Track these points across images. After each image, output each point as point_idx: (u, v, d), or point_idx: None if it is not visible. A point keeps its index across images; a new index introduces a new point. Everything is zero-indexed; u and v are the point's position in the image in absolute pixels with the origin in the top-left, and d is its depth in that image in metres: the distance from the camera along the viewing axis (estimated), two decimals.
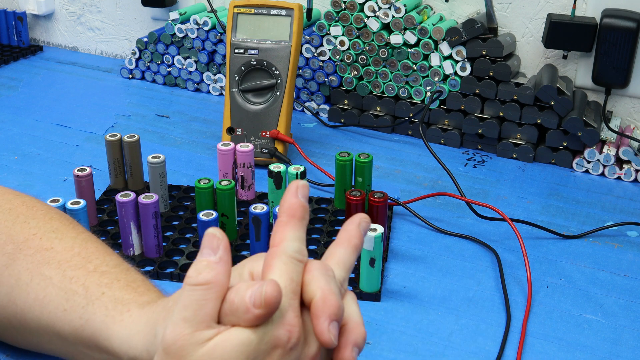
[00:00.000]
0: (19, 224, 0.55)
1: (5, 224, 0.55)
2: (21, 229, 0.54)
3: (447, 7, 1.04)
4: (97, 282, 0.50)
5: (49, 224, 0.55)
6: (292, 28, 0.90)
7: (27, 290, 0.51)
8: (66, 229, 0.55)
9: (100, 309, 0.48)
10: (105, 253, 0.54)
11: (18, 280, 0.51)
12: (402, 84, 1.01)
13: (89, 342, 0.48)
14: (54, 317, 0.50)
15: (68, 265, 0.51)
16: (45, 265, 0.51)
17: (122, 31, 1.33)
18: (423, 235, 0.78)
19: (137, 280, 0.51)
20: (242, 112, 0.91)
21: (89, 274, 0.51)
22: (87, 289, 0.49)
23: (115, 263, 0.52)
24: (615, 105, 0.99)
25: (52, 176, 0.89)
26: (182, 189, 0.83)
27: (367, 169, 0.78)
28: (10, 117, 1.06)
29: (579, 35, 0.93)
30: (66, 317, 0.49)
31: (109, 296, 0.49)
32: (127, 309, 0.47)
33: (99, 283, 0.50)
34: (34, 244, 0.53)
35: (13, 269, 0.52)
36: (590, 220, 0.82)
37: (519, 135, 0.96)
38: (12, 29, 1.34)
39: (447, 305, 0.66)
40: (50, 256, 0.52)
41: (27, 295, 0.51)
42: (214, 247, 0.41)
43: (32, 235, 0.53)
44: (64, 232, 0.54)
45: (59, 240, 0.53)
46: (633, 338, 0.63)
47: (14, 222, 0.55)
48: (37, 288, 0.51)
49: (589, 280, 0.71)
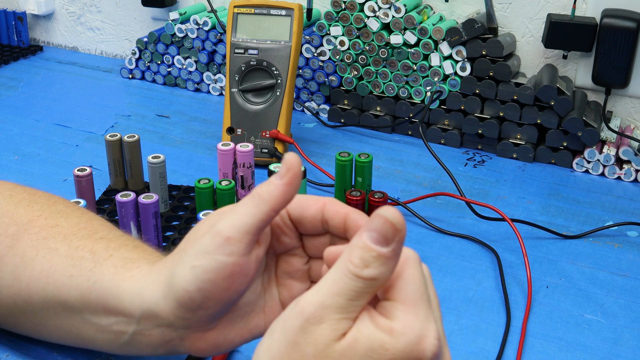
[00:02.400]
0: (22, 207, 0.54)
1: (8, 207, 0.54)
2: (25, 211, 0.54)
3: (447, 7, 1.04)
4: (104, 247, 0.50)
5: (54, 206, 0.55)
6: (292, 28, 0.90)
7: (33, 265, 0.50)
8: (71, 210, 0.55)
9: (108, 269, 0.48)
10: (111, 228, 0.54)
11: (23, 257, 0.51)
12: (402, 84, 1.01)
13: (97, 305, 0.48)
14: (60, 285, 0.49)
15: (74, 237, 0.51)
16: (51, 239, 0.51)
17: (122, 31, 1.33)
18: (423, 235, 0.78)
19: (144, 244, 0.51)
20: (242, 112, 0.91)
21: (96, 242, 0.50)
22: (95, 253, 0.49)
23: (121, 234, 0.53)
24: (615, 105, 0.99)
25: (52, 176, 0.89)
26: (182, 189, 0.83)
27: (367, 169, 0.78)
28: (10, 117, 1.06)
29: (579, 35, 0.93)
30: (72, 282, 0.48)
31: (117, 257, 0.48)
32: (136, 265, 0.47)
33: (106, 247, 0.49)
34: (38, 223, 0.52)
35: (17, 248, 0.51)
36: (590, 220, 0.82)
37: (519, 135, 0.96)
38: (12, 29, 1.34)
39: (447, 305, 0.66)
40: (56, 231, 0.52)
41: (33, 269, 0.50)
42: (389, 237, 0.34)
43: (36, 217, 0.53)
44: (69, 212, 0.54)
45: (65, 219, 0.53)
46: (633, 338, 0.63)
47: (16, 205, 0.54)
48: (43, 261, 0.50)
49: (589, 280, 0.71)
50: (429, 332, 0.34)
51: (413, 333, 0.34)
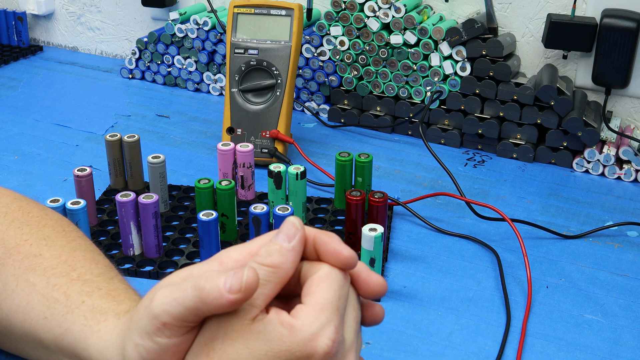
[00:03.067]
0: (13, 229, 0.54)
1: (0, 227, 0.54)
2: (14, 233, 0.54)
3: (447, 7, 1.04)
4: (78, 290, 0.49)
5: (42, 231, 0.55)
6: (292, 28, 0.90)
7: (12, 296, 0.50)
8: (57, 237, 0.55)
9: (79, 318, 0.47)
10: (92, 261, 0.53)
11: (5, 285, 0.51)
12: (402, 84, 1.01)
13: (69, 352, 0.48)
14: (35, 324, 0.49)
15: (53, 272, 0.51)
16: (32, 272, 0.51)
17: (122, 31, 1.33)
18: (423, 235, 0.78)
19: (118, 289, 0.50)
20: (242, 112, 0.91)
21: (71, 282, 0.50)
22: (68, 297, 0.49)
23: (99, 272, 0.52)
24: (615, 105, 0.99)
25: (52, 176, 0.89)
26: (182, 189, 0.83)
27: (367, 169, 0.78)
28: (10, 117, 1.06)
29: (579, 35, 0.93)
30: (47, 325, 0.49)
31: (88, 305, 0.48)
32: (104, 318, 0.47)
33: (80, 291, 0.49)
34: (24, 249, 0.52)
35: (1, 273, 0.52)
36: (590, 220, 0.82)
37: (519, 135, 0.96)
38: (12, 29, 1.34)
39: (447, 305, 0.66)
40: (38, 262, 0.51)
41: (12, 301, 0.50)
42: (291, 235, 0.41)
43: (23, 241, 0.53)
44: (54, 240, 0.54)
45: (48, 248, 0.53)
46: (633, 338, 0.63)
47: (8, 226, 0.54)
48: (22, 294, 0.50)
49: (589, 280, 0.71)
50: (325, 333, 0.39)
51: (309, 331, 0.39)
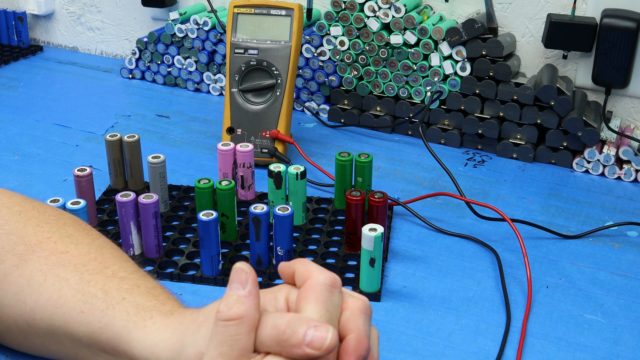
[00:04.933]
0: (31, 227, 0.54)
1: (16, 225, 0.54)
2: (34, 231, 0.54)
3: (447, 7, 1.04)
4: (116, 287, 0.50)
5: (63, 228, 0.55)
6: (292, 28, 0.90)
7: (40, 290, 0.50)
8: (80, 235, 0.55)
9: (121, 314, 0.48)
10: (121, 259, 0.53)
11: (30, 280, 0.51)
12: (402, 84, 1.01)
13: (106, 346, 0.48)
14: (69, 318, 0.49)
15: (85, 269, 0.51)
16: (61, 267, 0.51)
17: (122, 31, 1.33)
18: (423, 235, 0.78)
19: (156, 287, 0.51)
20: (242, 112, 0.91)
21: (107, 279, 0.50)
22: (107, 293, 0.49)
23: (132, 269, 0.53)
24: (615, 105, 0.99)
25: (52, 176, 0.89)
26: (182, 189, 0.83)
27: (367, 169, 0.78)
28: (10, 117, 1.06)
29: (579, 35, 0.93)
30: (83, 319, 0.49)
31: (130, 302, 0.49)
32: (149, 315, 0.48)
33: (118, 288, 0.50)
34: (48, 246, 0.52)
35: (24, 269, 0.51)
36: (590, 220, 0.82)
37: (519, 135, 0.96)
38: (12, 29, 1.34)
39: (447, 305, 0.67)
40: (66, 259, 0.52)
41: (40, 295, 0.50)
42: (243, 281, 0.42)
43: (46, 239, 0.53)
44: (79, 238, 0.54)
45: (75, 245, 0.53)
46: (633, 338, 0.63)
47: (25, 224, 0.54)
48: (52, 289, 0.50)
49: (589, 280, 0.71)
50: None
51: None
